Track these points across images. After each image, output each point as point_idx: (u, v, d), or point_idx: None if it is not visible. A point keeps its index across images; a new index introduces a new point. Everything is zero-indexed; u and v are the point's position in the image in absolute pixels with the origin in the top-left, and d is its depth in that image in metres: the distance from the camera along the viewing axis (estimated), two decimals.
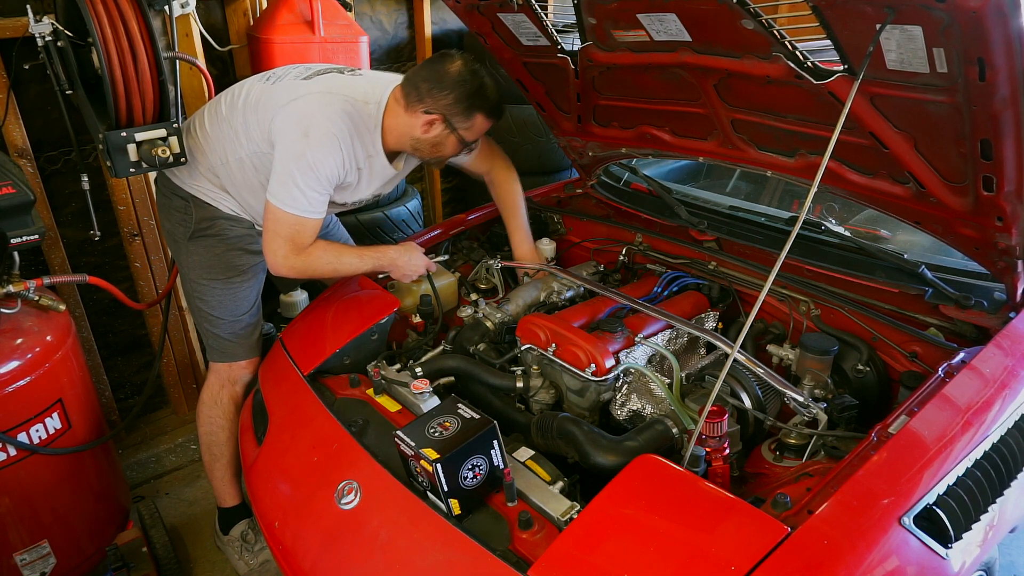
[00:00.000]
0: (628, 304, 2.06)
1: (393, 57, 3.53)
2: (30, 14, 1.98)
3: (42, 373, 2.02)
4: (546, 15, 2.08)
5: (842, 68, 1.56)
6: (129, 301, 2.44)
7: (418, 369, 1.93)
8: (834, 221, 2.23)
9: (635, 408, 1.84)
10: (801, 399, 1.68)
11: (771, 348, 1.99)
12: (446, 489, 1.44)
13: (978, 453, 1.44)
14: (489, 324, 2.12)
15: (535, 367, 1.95)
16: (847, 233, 2.10)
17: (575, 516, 1.41)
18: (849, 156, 1.84)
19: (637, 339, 1.92)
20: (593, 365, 1.81)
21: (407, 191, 3.46)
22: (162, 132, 2.01)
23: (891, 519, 1.25)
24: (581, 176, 2.79)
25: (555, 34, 2.13)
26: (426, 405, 1.77)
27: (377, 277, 2.32)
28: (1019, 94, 1.32)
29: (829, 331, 1.94)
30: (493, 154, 2.42)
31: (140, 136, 1.99)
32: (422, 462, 1.45)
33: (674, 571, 1.22)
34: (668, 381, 1.83)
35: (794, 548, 1.19)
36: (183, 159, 2.05)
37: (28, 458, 2.03)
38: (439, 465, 1.42)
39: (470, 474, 1.47)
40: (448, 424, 1.51)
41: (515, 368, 1.97)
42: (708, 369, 1.91)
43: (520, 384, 1.90)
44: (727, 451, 1.52)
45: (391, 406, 1.85)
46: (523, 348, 1.98)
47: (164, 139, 2.01)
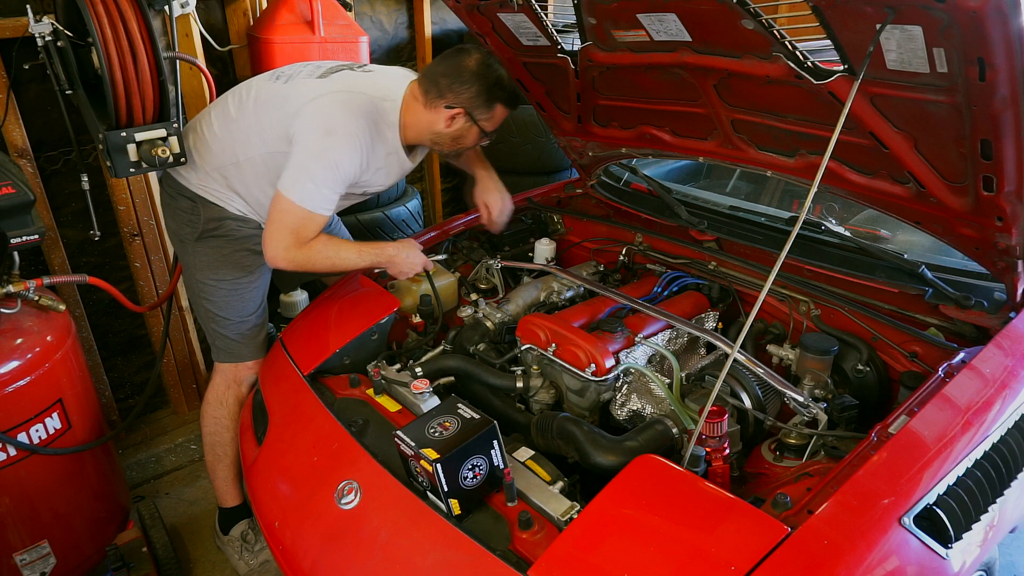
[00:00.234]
0: (628, 304, 2.06)
1: (393, 57, 3.53)
2: (30, 14, 1.98)
3: (42, 373, 2.02)
4: (546, 15, 2.08)
5: (842, 68, 1.56)
6: (129, 303, 2.44)
7: (418, 369, 1.93)
8: (834, 221, 2.23)
9: (635, 408, 1.84)
10: (801, 399, 1.68)
11: (771, 348, 1.99)
12: (446, 489, 1.44)
13: (978, 453, 1.44)
14: (489, 324, 2.12)
15: (535, 367, 1.95)
16: (847, 233, 2.10)
17: (575, 516, 1.41)
18: (849, 156, 1.84)
19: (637, 339, 1.92)
20: (593, 365, 1.81)
21: (407, 191, 3.46)
22: (162, 132, 2.01)
23: (891, 519, 1.25)
24: (581, 176, 2.79)
25: (555, 34, 2.13)
26: (426, 405, 1.77)
27: (374, 274, 2.32)
28: (1019, 94, 1.32)
29: (829, 331, 1.94)
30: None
31: (140, 136, 1.99)
32: (422, 462, 1.45)
33: (674, 571, 1.22)
34: (668, 381, 1.83)
35: (794, 548, 1.19)
36: (183, 159, 2.05)
37: (28, 458, 2.03)
38: (439, 465, 1.42)
39: (470, 474, 1.47)
40: (448, 424, 1.51)
41: (515, 368, 1.97)
42: (708, 369, 1.91)
43: (520, 384, 1.91)
44: (727, 451, 1.52)
45: (391, 406, 1.85)
46: (523, 348, 1.98)
47: (164, 139, 2.02)
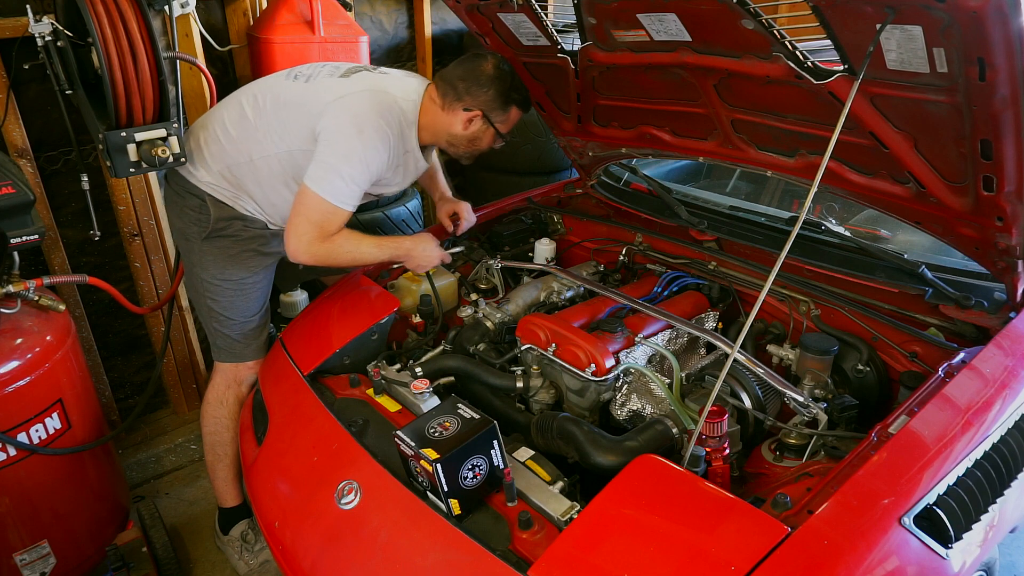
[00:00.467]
0: (628, 304, 2.06)
1: (393, 57, 3.53)
2: (30, 14, 1.98)
3: (42, 373, 2.02)
4: (546, 15, 2.08)
5: (842, 68, 1.56)
6: (130, 304, 2.44)
7: (418, 369, 1.93)
8: (834, 221, 2.23)
9: (635, 408, 1.84)
10: (801, 399, 1.68)
11: (771, 348, 1.99)
12: (446, 489, 1.44)
13: (978, 453, 1.44)
14: (489, 324, 2.12)
15: (535, 367, 1.95)
16: (847, 233, 2.10)
17: (575, 516, 1.41)
18: (849, 156, 1.84)
19: (637, 339, 1.92)
20: (593, 365, 1.81)
21: (407, 191, 3.45)
22: (162, 132, 2.01)
23: (891, 519, 1.25)
24: (581, 176, 2.79)
25: (555, 34, 2.13)
26: (426, 405, 1.77)
27: (374, 274, 2.32)
28: (1019, 94, 1.32)
29: (829, 331, 1.94)
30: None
31: (140, 136, 1.99)
32: (422, 462, 1.45)
33: (674, 571, 1.22)
34: (668, 381, 1.83)
35: (794, 548, 1.19)
36: (183, 159, 2.05)
37: (28, 458, 2.03)
38: (439, 465, 1.42)
39: (470, 474, 1.47)
40: (448, 424, 1.51)
41: (515, 368, 1.97)
42: (708, 369, 1.90)
43: (520, 384, 1.90)
44: (727, 451, 1.52)
45: (391, 406, 1.85)
46: (523, 348, 1.98)
47: (164, 139, 2.01)
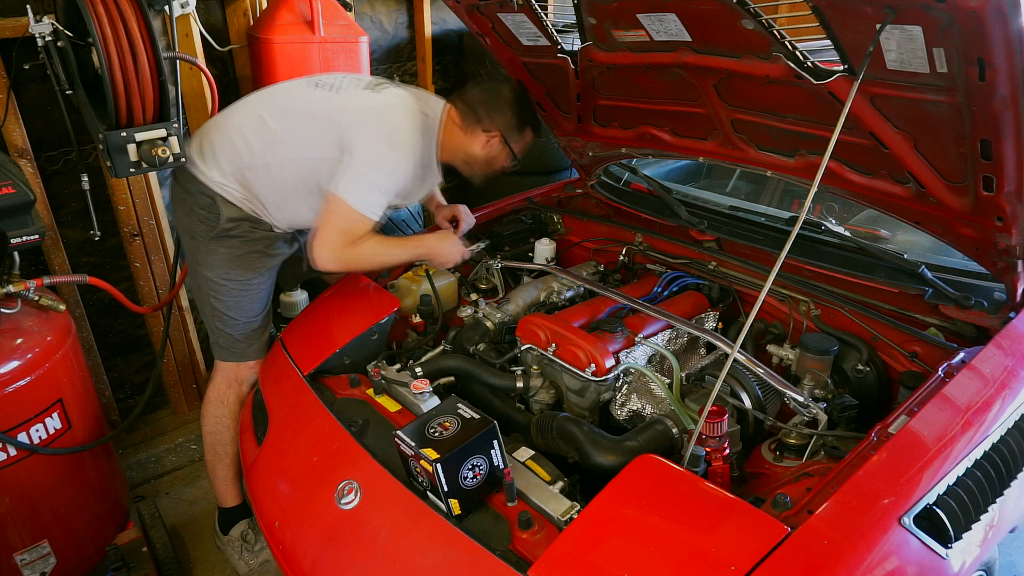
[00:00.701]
0: (628, 304, 2.06)
1: (393, 57, 3.53)
2: (30, 14, 1.98)
3: (42, 373, 2.02)
4: (546, 15, 2.08)
5: (842, 68, 1.56)
6: (131, 305, 2.44)
7: (418, 369, 1.93)
8: (834, 221, 2.23)
9: (635, 408, 1.84)
10: (801, 399, 1.68)
11: (771, 348, 1.99)
12: (446, 489, 1.44)
13: (978, 453, 1.44)
14: (489, 324, 2.12)
15: (535, 367, 1.95)
16: (847, 233, 2.10)
17: (575, 516, 1.41)
18: (849, 156, 1.84)
19: (637, 339, 1.92)
20: (593, 365, 1.81)
21: None
22: (162, 132, 2.01)
23: (891, 519, 1.25)
24: (581, 176, 2.79)
25: (555, 34, 2.13)
26: (426, 405, 1.77)
27: (375, 277, 2.32)
28: (1019, 94, 1.32)
29: (829, 331, 1.94)
30: None
31: (140, 136, 1.99)
32: (422, 462, 1.45)
33: (674, 571, 1.22)
34: (668, 381, 1.83)
35: (794, 548, 1.19)
36: (183, 159, 2.05)
37: (28, 458, 2.03)
38: (439, 465, 1.42)
39: (470, 474, 1.47)
40: (448, 424, 1.51)
41: (515, 368, 1.97)
42: (708, 369, 1.91)
43: (520, 384, 1.91)
44: (727, 451, 1.52)
45: (391, 406, 1.85)
46: (523, 348, 1.98)
47: (164, 139, 2.02)
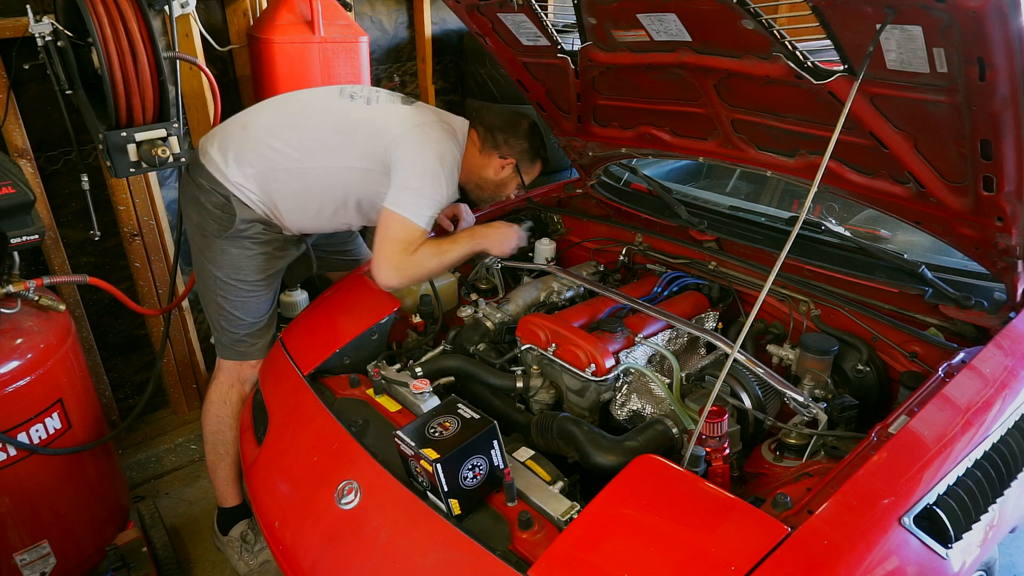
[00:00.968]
0: (628, 304, 2.06)
1: (393, 57, 3.53)
2: (30, 14, 1.99)
3: (42, 373, 2.02)
4: (546, 15, 2.08)
5: (842, 68, 1.56)
6: (135, 305, 2.45)
7: (418, 369, 1.93)
8: (834, 221, 2.23)
9: (635, 408, 1.84)
10: (801, 399, 1.68)
11: (771, 348, 1.99)
12: (446, 489, 1.44)
13: (978, 453, 1.44)
14: (489, 324, 2.12)
15: (535, 367, 1.95)
16: (847, 233, 2.10)
17: (575, 516, 1.41)
18: (849, 156, 1.84)
19: (637, 339, 1.92)
20: (593, 365, 1.81)
21: None
22: (162, 132, 2.01)
23: (891, 519, 1.25)
24: (581, 176, 2.79)
25: (555, 34, 2.13)
26: (426, 405, 1.77)
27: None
28: (1019, 94, 1.32)
29: (829, 331, 1.94)
30: None
31: (140, 136, 1.99)
32: (422, 462, 1.45)
33: (674, 571, 1.22)
34: (668, 381, 1.83)
35: (794, 548, 1.19)
36: (183, 159, 2.05)
37: (28, 458, 2.03)
38: (439, 465, 1.42)
39: (470, 474, 1.47)
40: (448, 424, 1.51)
41: (515, 368, 1.97)
42: (708, 369, 1.90)
43: (520, 384, 1.90)
44: (727, 451, 1.52)
45: (391, 406, 1.85)
46: (523, 348, 1.98)
47: (164, 139, 2.02)
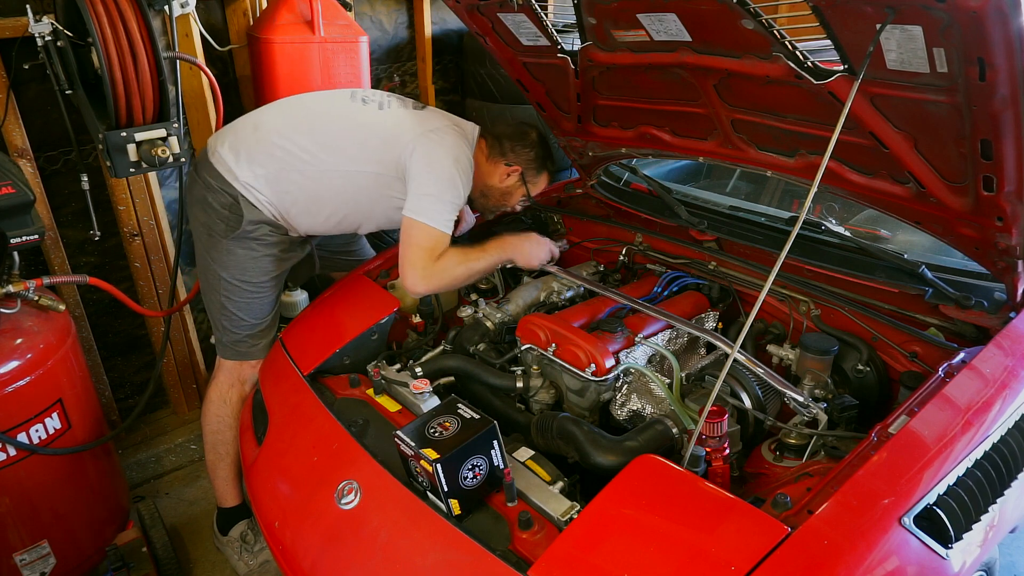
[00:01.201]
0: (628, 304, 2.06)
1: (393, 57, 3.53)
2: (30, 14, 1.98)
3: (42, 373, 2.02)
4: (546, 15, 2.07)
5: (842, 68, 1.56)
6: (136, 307, 2.44)
7: (418, 369, 1.93)
8: (834, 221, 2.23)
9: (635, 408, 1.84)
10: (801, 399, 1.68)
11: (771, 348, 1.99)
12: (446, 489, 1.44)
13: (978, 453, 1.44)
14: (489, 324, 2.12)
15: (535, 367, 1.95)
16: (847, 233, 2.10)
17: (575, 516, 1.41)
18: (849, 156, 1.84)
19: (637, 339, 1.92)
20: (593, 365, 1.81)
21: None
22: (162, 132, 2.01)
23: (891, 519, 1.25)
24: (581, 176, 2.79)
25: (555, 34, 2.13)
26: (426, 405, 1.77)
27: (375, 277, 2.32)
28: (1019, 94, 1.32)
29: (829, 331, 1.94)
30: None
31: (140, 136, 1.99)
32: (422, 462, 1.45)
33: (674, 571, 1.22)
34: (668, 381, 1.83)
35: (794, 548, 1.19)
36: (183, 159, 2.05)
37: (28, 458, 2.03)
38: (439, 465, 1.42)
39: (470, 474, 1.47)
40: (448, 424, 1.51)
41: (515, 368, 1.97)
42: (708, 369, 1.90)
43: (520, 384, 1.90)
44: (727, 451, 1.52)
45: (391, 406, 1.85)
46: (523, 348, 1.98)
47: (164, 139, 2.02)
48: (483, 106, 3.56)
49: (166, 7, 2.41)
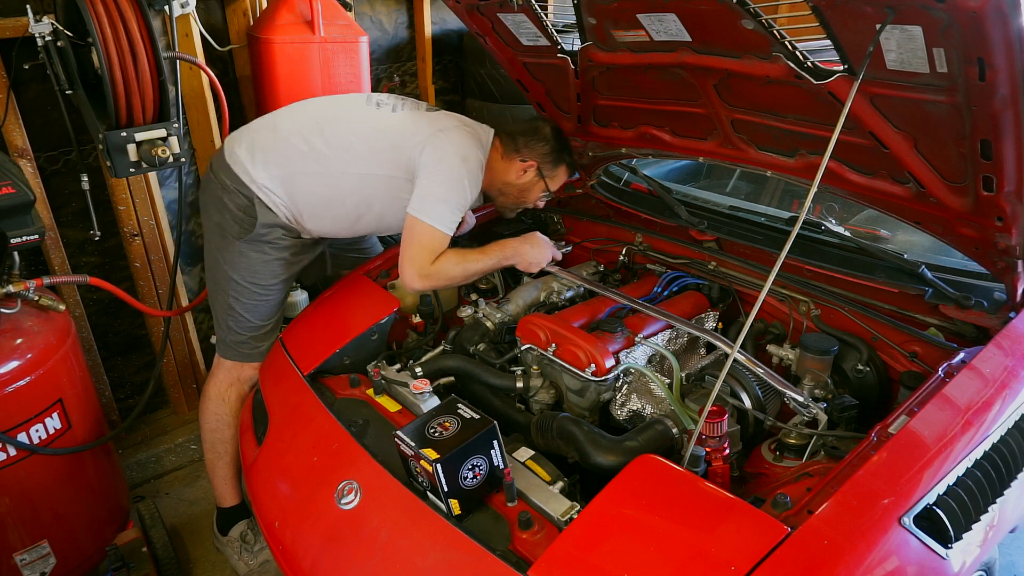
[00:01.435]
0: (628, 304, 2.06)
1: (393, 57, 3.53)
2: (30, 14, 1.99)
3: (42, 373, 2.02)
4: (546, 15, 2.08)
5: (842, 68, 1.56)
6: (141, 306, 2.44)
7: (418, 369, 1.93)
8: (834, 221, 2.23)
9: (635, 408, 1.84)
10: (801, 399, 1.68)
11: (771, 348, 1.99)
12: (446, 489, 1.44)
13: (978, 453, 1.44)
14: (489, 324, 2.12)
15: (535, 367, 1.95)
16: (847, 233, 2.10)
17: (575, 516, 1.41)
18: (849, 156, 1.84)
19: (637, 339, 1.92)
20: (593, 365, 1.81)
21: None
22: (162, 132, 2.01)
23: (891, 519, 1.25)
24: (581, 176, 2.79)
25: (555, 34, 2.13)
26: (426, 405, 1.77)
27: (375, 277, 2.32)
28: (1019, 94, 1.32)
29: (829, 331, 1.94)
30: None
31: (140, 136, 1.99)
32: (422, 462, 1.45)
33: (674, 571, 1.22)
34: (668, 381, 1.83)
35: (794, 548, 1.19)
36: (183, 159, 2.05)
37: (28, 458, 2.03)
38: (439, 465, 1.42)
39: (470, 474, 1.47)
40: (448, 424, 1.52)
41: (515, 368, 1.97)
42: (708, 369, 1.91)
43: (520, 384, 1.90)
44: (727, 451, 1.52)
45: (391, 406, 1.85)
46: (523, 348, 1.98)
47: (164, 139, 2.02)
48: (483, 106, 3.56)
49: (166, 7, 2.41)
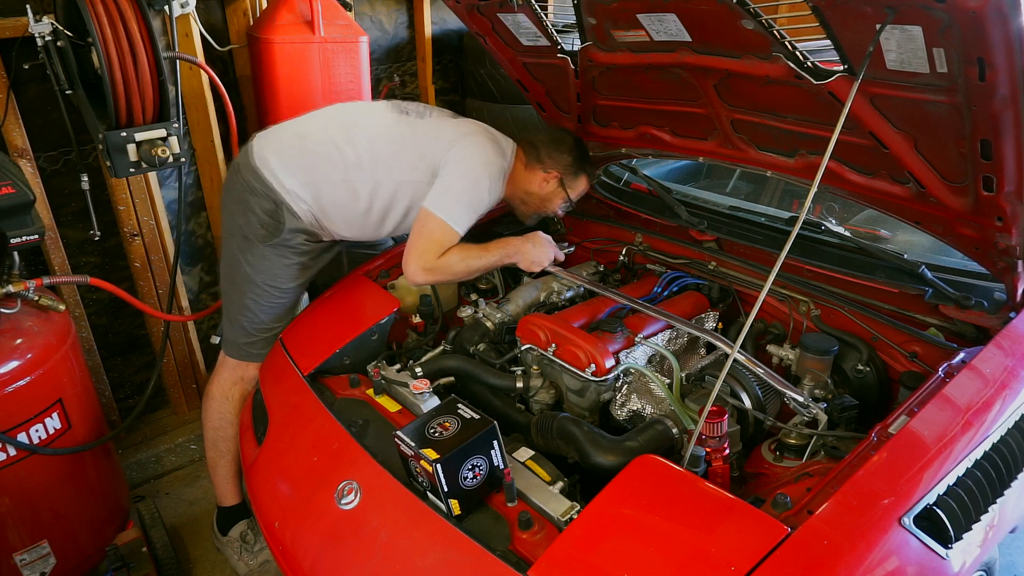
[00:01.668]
0: (628, 304, 2.06)
1: (393, 57, 3.53)
2: (30, 14, 1.99)
3: (42, 373, 2.02)
4: (546, 15, 2.08)
5: (842, 68, 1.56)
6: (143, 306, 2.44)
7: (418, 369, 1.93)
8: (834, 221, 2.23)
9: (635, 408, 1.84)
10: (801, 399, 1.68)
11: (771, 348, 1.99)
12: (446, 489, 1.44)
13: (978, 453, 1.44)
14: (489, 324, 2.12)
15: (535, 367, 1.95)
16: (847, 233, 2.10)
17: (575, 516, 1.41)
18: (849, 156, 1.84)
19: (637, 339, 1.92)
20: (593, 365, 1.81)
21: None
22: (162, 132, 2.02)
23: (891, 519, 1.25)
24: None
25: (555, 34, 2.13)
26: (426, 405, 1.77)
27: (375, 277, 2.32)
28: (1019, 94, 1.32)
29: (829, 331, 1.94)
30: None
31: (140, 136, 1.99)
32: (422, 462, 1.45)
33: (674, 571, 1.22)
34: (668, 381, 1.83)
35: (794, 548, 1.19)
36: (183, 159, 2.05)
37: (28, 458, 2.03)
38: (439, 465, 1.42)
39: (470, 474, 1.47)
40: (448, 424, 1.51)
41: (515, 368, 1.97)
42: (708, 369, 1.91)
43: (520, 384, 1.90)
44: (727, 451, 1.52)
45: (391, 406, 1.85)
46: (523, 348, 1.98)
47: (164, 139, 2.02)
48: (483, 106, 3.55)
49: (166, 7, 2.41)
